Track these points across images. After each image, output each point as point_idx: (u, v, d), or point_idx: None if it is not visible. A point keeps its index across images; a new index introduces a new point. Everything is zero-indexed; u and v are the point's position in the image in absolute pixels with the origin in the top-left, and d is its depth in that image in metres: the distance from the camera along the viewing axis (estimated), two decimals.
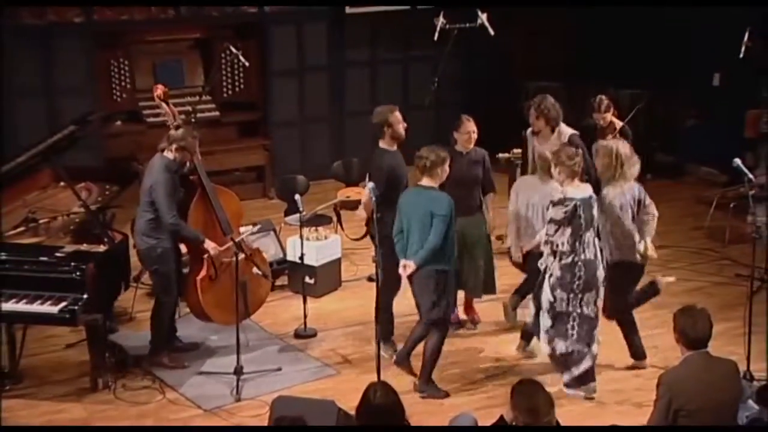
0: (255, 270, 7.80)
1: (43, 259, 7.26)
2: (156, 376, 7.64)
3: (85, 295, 7.13)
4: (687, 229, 10.52)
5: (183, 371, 7.73)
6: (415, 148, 7.79)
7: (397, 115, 7.78)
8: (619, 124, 9.14)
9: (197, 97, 10.27)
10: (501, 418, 5.41)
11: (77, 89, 10.74)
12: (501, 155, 9.93)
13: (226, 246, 7.60)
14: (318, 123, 12.08)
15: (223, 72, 11.53)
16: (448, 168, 7.30)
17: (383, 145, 7.79)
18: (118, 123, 11.17)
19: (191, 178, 7.78)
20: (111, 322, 8.09)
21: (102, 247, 7.44)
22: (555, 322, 7.21)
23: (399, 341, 7.88)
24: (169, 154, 7.52)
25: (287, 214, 9.63)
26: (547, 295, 7.19)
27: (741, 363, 6.61)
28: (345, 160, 10.72)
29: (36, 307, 7.14)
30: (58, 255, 7.27)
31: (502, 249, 9.67)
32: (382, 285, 7.31)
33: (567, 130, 8.21)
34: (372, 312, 7.74)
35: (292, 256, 8.90)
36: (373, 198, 7.28)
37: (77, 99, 10.54)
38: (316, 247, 8.98)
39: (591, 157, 7.74)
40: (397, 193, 7.49)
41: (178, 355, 7.90)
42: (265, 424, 6.52)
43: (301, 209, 8.38)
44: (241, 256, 7.56)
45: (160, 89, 8.09)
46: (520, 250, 8.00)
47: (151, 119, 10.96)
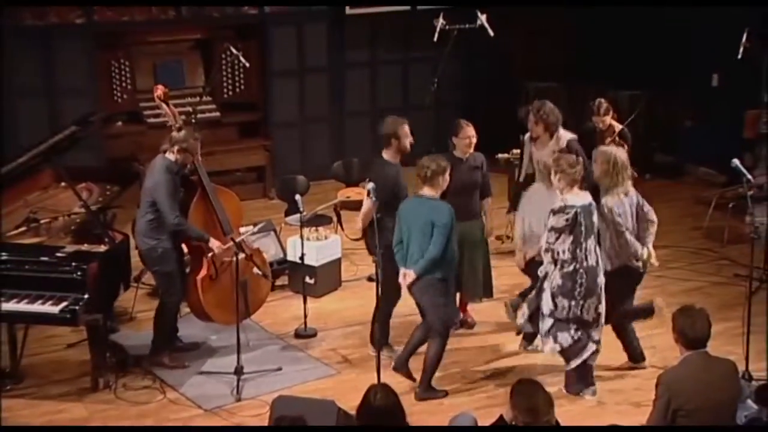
0: (255, 270, 7.81)
1: (44, 259, 7.26)
2: (156, 375, 7.64)
3: (85, 295, 7.13)
4: (686, 229, 10.52)
5: (183, 371, 7.74)
6: (415, 148, 7.82)
7: (406, 129, 7.69)
8: (618, 127, 9.14)
9: (198, 98, 10.30)
10: (501, 417, 5.41)
11: (78, 90, 10.75)
12: (500, 156, 9.94)
13: (227, 246, 7.61)
14: (318, 123, 12.08)
15: (224, 72, 11.53)
16: (448, 177, 7.27)
17: (387, 156, 7.71)
18: (119, 123, 11.19)
19: (192, 178, 7.79)
20: (112, 322, 8.10)
21: (103, 248, 7.44)
22: (551, 327, 7.19)
23: (397, 344, 7.89)
24: (170, 156, 7.52)
25: (287, 214, 9.64)
26: (548, 303, 7.15)
27: (740, 363, 6.59)
28: (345, 161, 10.74)
29: (37, 307, 7.14)
30: (59, 255, 7.27)
31: (502, 249, 9.71)
32: (382, 295, 7.31)
33: (565, 135, 8.18)
34: (372, 312, 7.79)
35: (293, 256, 8.90)
36: (374, 199, 7.29)
37: (78, 99, 10.56)
38: (317, 247, 8.98)
39: (590, 162, 7.73)
40: (397, 204, 7.46)
41: (179, 354, 7.90)
42: (266, 423, 6.51)
43: (301, 209, 8.38)
44: (241, 256, 7.56)
45: (160, 90, 8.08)
46: (524, 257, 7.97)
47: (151, 120, 10.96)
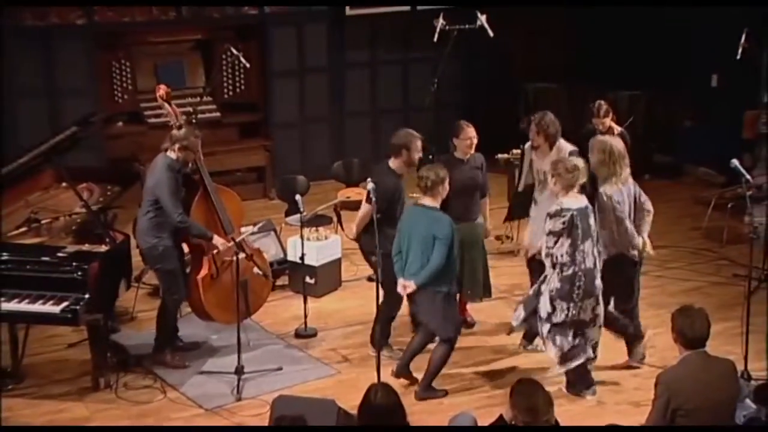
0: (256, 270, 7.81)
1: (45, 259, 7.27)
2: (157, 375, 7.66)
3: (86, 295, 7.14)
4: (685, 230, 10.53)
5: (184, 371, 7.75)
6: None
7: (419, 144, 7.69)
8: (617, 129, 9.16)
9: (198, 98, 10.31)
10: (500, 417, 5.42)
11: (79, 90, 10.76)
12: (500, 156, 9.95)
13: (229, 245, 7.61)
14: (318, 124, 12.10)
15: (224, 73, 11.54)
16: (448, 186, 7.28)
17: (393, 165, 7.70)
18: (120, 124, 11.19)
19: (194, 177, 7.79)
20: (112, 321, 8.10)
21: (104, 248, 7.45)
22: (549, 332, 7.18)
23: (397, 344, 7.91)
24: (172, 154, 7.53)
25: (288, 214, 9.66)
26: (546, 306, 7.14)
27: (738, 362, 6.60)
28: (345, 161, 10.75)
29: (38, 307, 7.15)
30: (60, 255, 7.28)
31: (501, 249, 9.73)
32: (384, 301, 7.32)
33: (566, 147, 8.18)
34: (372, 312, 7.80)
35: (293, 256, 8.91)
36: (373, 199, 7.31)
37: (79, 100, 10.57)
38: (317, 247, 9.00)
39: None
40: (393, 213, 7.49)
41: (181, 354, 7.91)
42: (266, 423, 6.52)
43: (301, 209, 8.39)
44: (242, 256, 7.56)
45: (162, 89, 8.07)
46: (526, 252, 7.98)
47: (152, 120, 10.96)
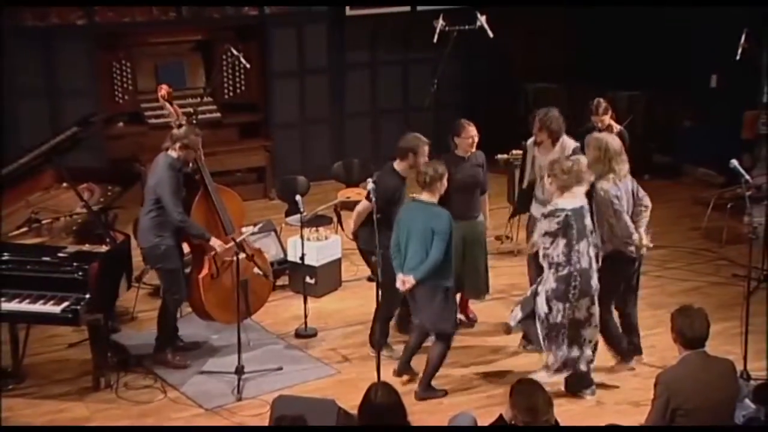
0: (256, 270, 7.81)
1: (46, 259, 7.28)
2: (157, 375, 7.67)
3: (87, 295, 7.15)
4: (684, 230, 10.53)
5: (184, 370, 7.76)
6: None
7: (426, 149, 7.68)
8: (617, 127, 9.17)
9: (198, 99, 10.32)
10: (500, 417, 5.43)
11: (79, 90, 10.77)
12: (500, 156, 9.95)
13: (229, 245, 7.63)
14: (318, 124, 12.11)
15: (224, 73, 11.55)
16: (446, 182, 7.30)
17: (398, 167, 7.70)
18: (120, 124, 11.21)
19: (195, 177, 7.79)
20: (113, 321, 8.11)
21: (104, 248, 7.46)
22: (548, 332, 7.16)
23: (396, 344, 7.93)
24: (173, 153, 7.54)
25: (288, 214, 9.67)
26: (543, 307, 7.12)
27: (738, 362, 6.62)
28: (345, 161, 10.76)
29: (39, 307, 7.16)
30: (61, 255, 7.30)
31: (501, 249, 9.74)
32: (383, 300, 7.34)
33: (570, 143, 8.19)
34: (372, 312, 7.82)
35: (293, 256, 8.92)
36: (373, 199, 7.33)
37: (79, 100, 10.58)
38: (317, 248, 9.01)
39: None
40: (391, 214, 7.48)
41: (182, 353, 7.92)
42: (266, 423, 6.52)
43: (301, 210, 8.40)
44: (242, 256, 7.57)
45: (164, 89, 8.08)
46: (532, 246, 7.96)
47: (152, 121, 10.99)
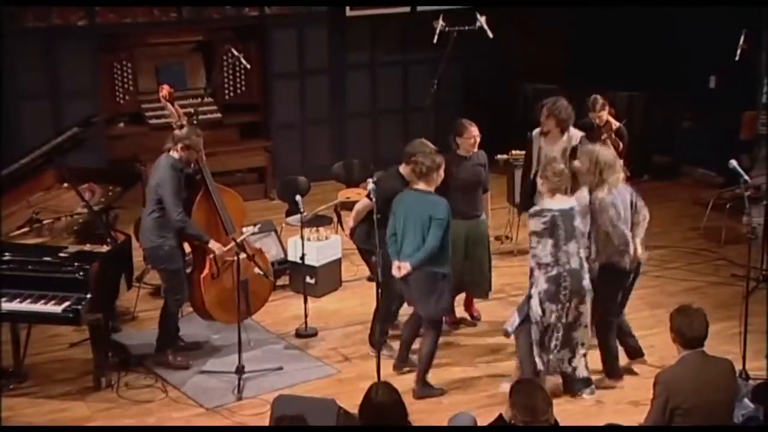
0: (257, 270, 7.82)
1: (47, 259, 7.30)
2: (158, 375, 7.69)
3: (88, 295, 7.17)
4: (684, 230, 10.55)
5: (185, 370, 7.77)
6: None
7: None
8: (615, 123, 9.19)
9: (199, 99, 10.33)
10: (500, 417, 5.44)
11: (80, 91, 10.78)
12: (499, 157, 9.97)
13: (228, 247, 7.64)
14: (319, 125, 12.12)
15: (225, 74, 11.57)
16: (443, 173, 7.32)
17: (404, 171, 7.66)
18: (121, 125, 11.22)
19: (196, 178, 7.80)
20: (114, 321, 8.14)
21: (105, 248, 7.48)
22: (542, 335, 7.14)
23: (396, 343, 7.93)
24: (174, 154, 7.55)
25: (288, 214, 9.68)
26: (537, 309, 7.10)
27: (737, 362, 6.63)
28: (345, 162, 10.78)
29: (40, 307, 7.17)
30: (62, 255, 7.31)
31: (501, 249, 9.76)
32: (383, 297, 7.35)
33: (577, 134, 8.20)
34: (372, 311, 7.84)
35: (293, 256, 8.94)
36: (373, 199, 7.35)
37: (80, 101, 10.59)
38: (317, 248, 9.02)
39: None
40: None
41: (183, 353, 7.93)
42: (266, 422, 6.53)
43: (302, 210, 8.42)
44: (242, 256, 7.58)
45: (165, 90, 8.08)
46: None
47: (153, 121, 11.01)
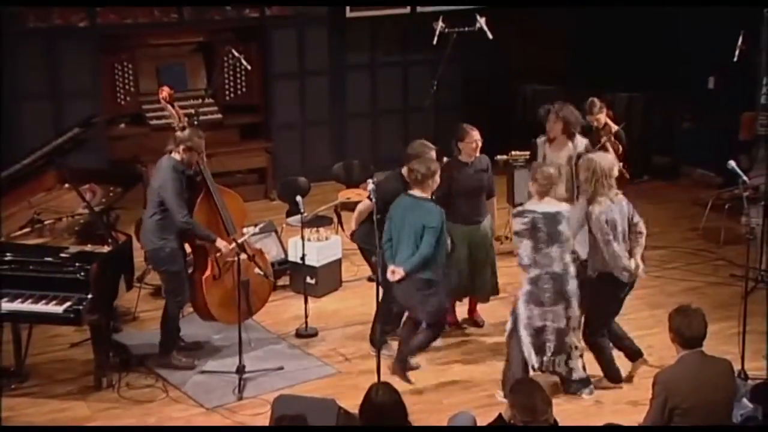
0: (257, 270, 7.84)
1: (48, 259, 7.31)
2: (159, 374, 7.70)
3: (89, 295, 7.18)
4: (683, 230, 10.56)
5: (189, 370, 7.78)
6: None
7: (433, 155, 7.67)
8: (614, 126, 9.21)
9: (200, 100, 10.33)
10: (499, 416, 5.47)
11: (81, 92, 10.78)
12: (499, 157, 9.98)
13: (231, 246, 7.64)
14: (319, 125, 12.13)
15: (225, 75, 11.57)
16: (438, 179, 7.34)
17: (405, 173, 7.70)
18: (122, 126, 11.24)
19: (197, 179, 7.81)
20: (115, 321, 8.16)
21: (106, 248, 7.49)
22: (533, 338, 7.15)
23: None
24: (176, 155, 7.56)
25: (289, 215, 9.69)
26: (523, 311, 7.12)
27: (735, 362, 6.65)
28: (346, 162, 10.80)
29: (41, 307, 7.19)
30: (63, 255, 7.33)
31: (501, 250, 9.76)
32: (383, 299, 7.37)
33: (582, 141, 8.21)
34: (372, 312, 7.85)
35: (294, 256, 8.96)
36: (373, 200, 7.36)
37: (81, 102, 10.59)
38: (317, 248, 9.03)
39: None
40: None
41: (185, 353, 7.93)
42: (267, 422, 6.55)
43: (302, 210, 8.44)
44: (243, 257, 7.60)
45: (165, 91, 8.09)
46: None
47: (154, 122, 11.01)
